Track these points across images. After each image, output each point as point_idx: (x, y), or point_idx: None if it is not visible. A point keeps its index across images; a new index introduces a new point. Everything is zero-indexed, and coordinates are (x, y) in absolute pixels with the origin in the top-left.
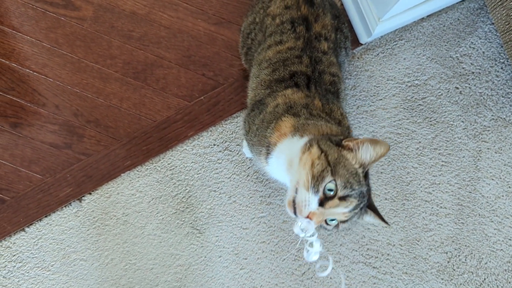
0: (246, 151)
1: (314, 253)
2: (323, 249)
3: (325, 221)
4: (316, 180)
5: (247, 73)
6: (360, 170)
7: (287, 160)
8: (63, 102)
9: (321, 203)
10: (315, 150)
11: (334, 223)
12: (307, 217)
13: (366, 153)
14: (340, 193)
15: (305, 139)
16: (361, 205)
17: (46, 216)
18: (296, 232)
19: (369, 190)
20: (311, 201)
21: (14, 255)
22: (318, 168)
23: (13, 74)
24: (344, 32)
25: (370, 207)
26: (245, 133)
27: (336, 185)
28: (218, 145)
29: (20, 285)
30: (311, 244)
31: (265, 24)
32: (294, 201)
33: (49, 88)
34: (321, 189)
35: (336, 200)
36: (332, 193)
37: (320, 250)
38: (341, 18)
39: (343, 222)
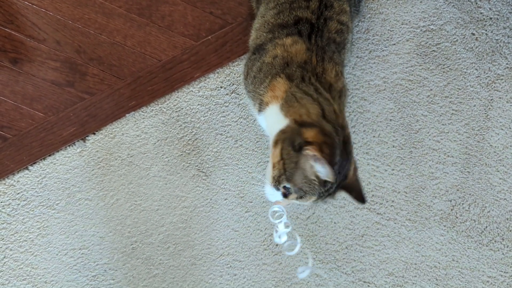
0: None
1: (282, 234)
2: (290, 229)
3: None
4: (276, 181)
5: (254, 12)
6: (316, 179)
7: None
8: (64, 38)
9: (285, 195)
10: (277, 153)
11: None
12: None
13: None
14: (295, 195)
15: (285, 122)
16: (326, 195)
17: (50, 155)
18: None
19: (340, 178)
20: (275, 194)
21: (18, 193)
22: (276, 172)
23: (11, 7)
24: None
25: (348, 187)
26: (244, 77)
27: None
28: (225, 88)
29: (25, 222)
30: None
31: None
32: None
33: (50, 22)
34: (280, 188)
35: (294, 195)
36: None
37: (287, 231)
38: None
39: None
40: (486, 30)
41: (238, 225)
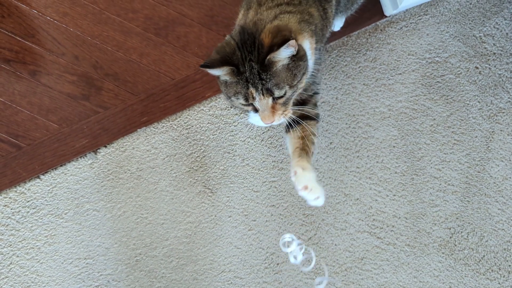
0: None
1: (297, 253)
2: (304, 248)
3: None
4: (238, 108)
5: None
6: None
7: None
8: (82, 53)
9: (255, 109)
10: None
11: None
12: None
13: None
14: (244, 102)
15: None
16: (251, 79)
17: (61, 165)
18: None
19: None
20: (253, 116)
21: (28, 201)
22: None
23: (33, 21)
24: None
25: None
26: None
27: None
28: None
29: (33, 230)
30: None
31: None
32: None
33: (69, 38)
34: (248, 108)
35: (246, 104)
36: None
37: (301, 251)
38: None
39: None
40: (489, 65)
41: (241, 243)
